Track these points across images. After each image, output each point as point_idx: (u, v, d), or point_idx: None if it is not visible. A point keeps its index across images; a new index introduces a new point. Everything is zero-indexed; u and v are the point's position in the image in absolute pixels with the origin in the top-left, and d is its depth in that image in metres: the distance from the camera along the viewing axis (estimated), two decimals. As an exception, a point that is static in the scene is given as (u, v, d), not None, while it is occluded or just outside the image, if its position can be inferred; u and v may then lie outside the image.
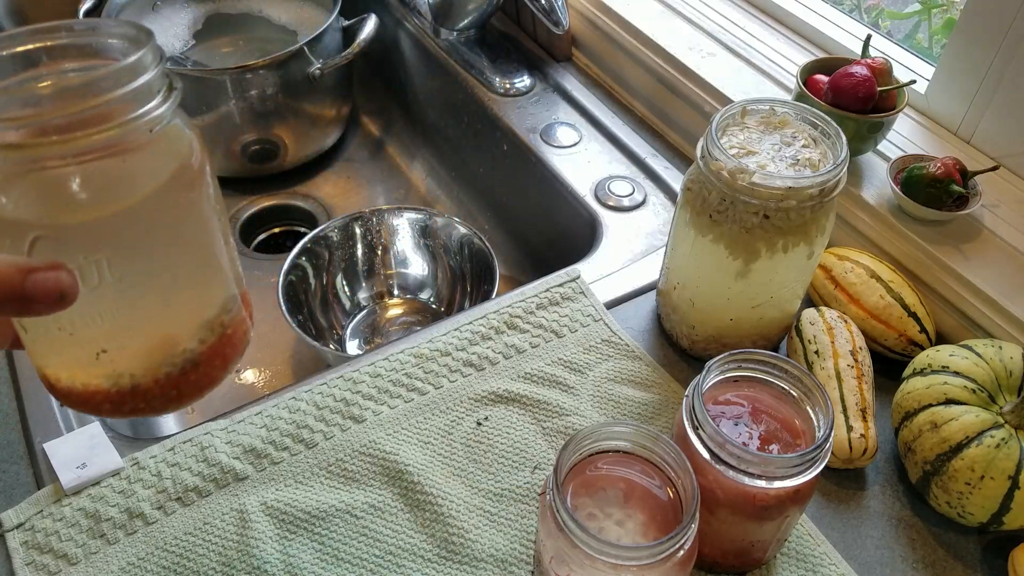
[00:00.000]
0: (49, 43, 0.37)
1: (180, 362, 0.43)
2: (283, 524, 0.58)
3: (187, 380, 0.44)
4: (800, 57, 0.87)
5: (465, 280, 0.96)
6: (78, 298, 0.34)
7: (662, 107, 0.93)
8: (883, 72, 0.73)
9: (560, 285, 0.74)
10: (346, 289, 0.97)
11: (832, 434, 0.49)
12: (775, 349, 0.71)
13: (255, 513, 0.58)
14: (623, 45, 0.95)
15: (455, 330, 0.71)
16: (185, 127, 0.39)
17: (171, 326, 0.42)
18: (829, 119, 0.60)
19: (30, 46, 0.37)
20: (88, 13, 1.04)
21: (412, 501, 0.60)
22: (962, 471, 0.55)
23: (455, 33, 1.07)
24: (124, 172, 0.36)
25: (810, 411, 0.52)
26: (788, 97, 0.82)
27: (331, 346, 0.93)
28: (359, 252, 0.97)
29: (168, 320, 0.42)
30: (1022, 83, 0.70)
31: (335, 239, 0.95)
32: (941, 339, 0.69)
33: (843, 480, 0.62)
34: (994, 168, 0.70)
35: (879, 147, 0.77)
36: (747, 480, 0.49)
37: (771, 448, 0.51)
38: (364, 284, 0.99)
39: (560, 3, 0.92)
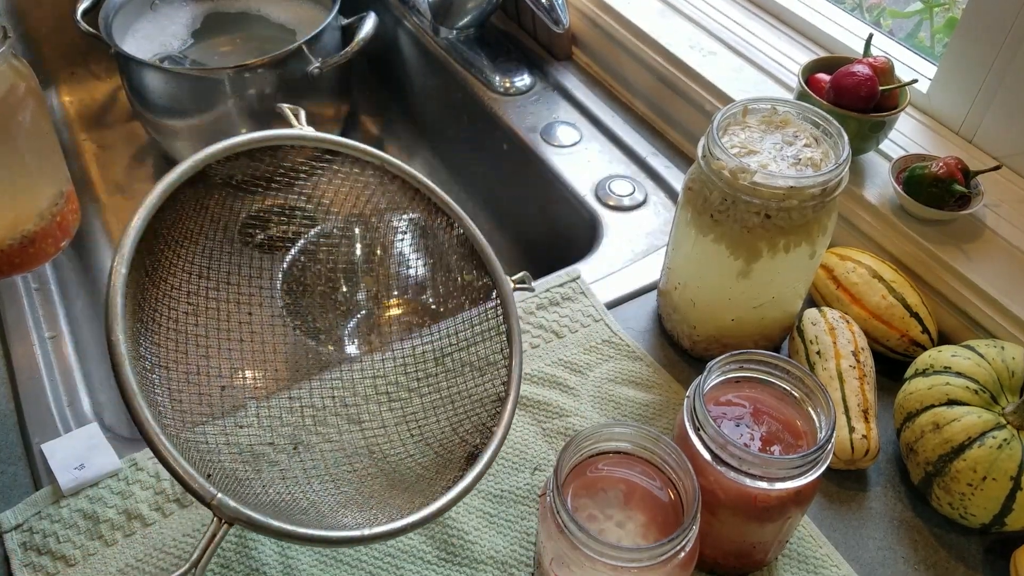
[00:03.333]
0: None
1: (19, 237, 0.64)
2: (282, 525, 0.58)
3: (25, 252, 0.66)
4: (802, 56, 0.87)
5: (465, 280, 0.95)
6: None
7: (663, 106, 0.93)
8: (885, 71, 0.72)
9: (560, 285, 0.74)
10: (346, 289, 0.97)
11: (834, 435, 0.49)
12: (776, 349, 0.70)
13: (254, 514, 0.58)
14: (623, 44, 0.95)
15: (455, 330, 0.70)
16: (17, 64, 0.61)
17: (13, 211, 0.62)
18: (831, 118, 0.59)
19: None
20: (86, 12, 1.03)
21: (412, 502, 0.59)
22: (964, 472, 0.55)
23: (455, 32, 1.07)
24: None
25: (812, 412, 0.51)
26: (790, 96, 0.82)
27: (331, 346, 0.92)
28: (359, 252, 0.97)
29: (10, 207, 0.61)
30: (1024, 82, 0.70)
31: (335, 239, 0.94)
32: (943, 339, 0.69)
33: (845, 481, 0.62)
34: (996, 168, 0.69)
35: (881, 146, 0.77)
36: (748, 481, 0.48)
37: (773, 449, 0.51)
38: (364, 284, 0.98)
39: (560, 2, 0.91)
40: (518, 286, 0.60)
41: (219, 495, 0.42)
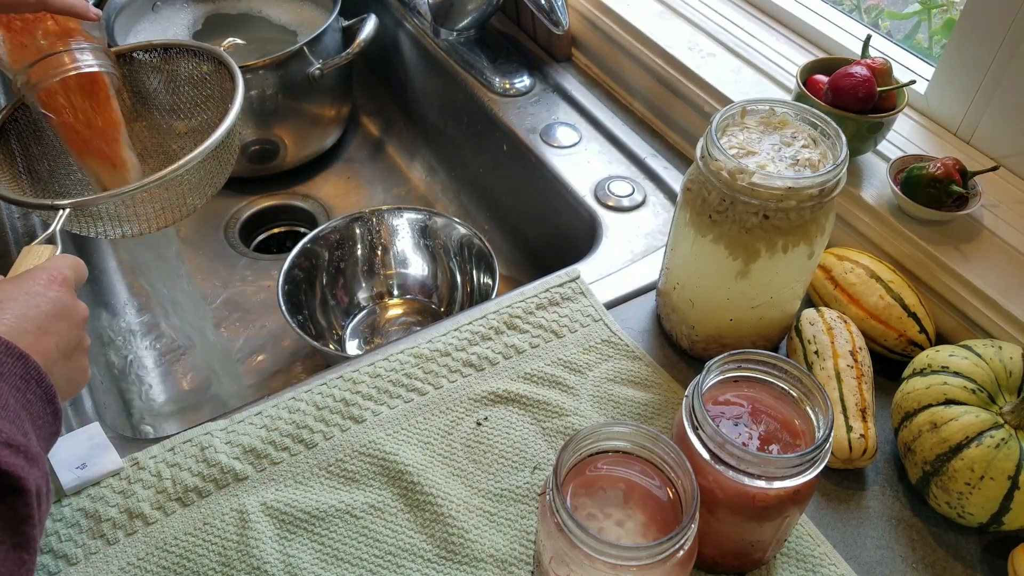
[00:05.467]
0: None
1: None
2: (283, 524, 0.58)
3: None
4: (800, 57, 0.87)
5: (465, 280, 0.96)
6: None
7: (662, 107, 0.93)
8: (883, 72, 0.73)
9: (560, 285, 0.75)
10: (346, 289, 0.97)
11: (832, 434, 0.49)
12: (775, 349, 0.71)
13: (255, 513, 0.58)
14: (623, 45, 0.95)
15: (455, 330, 0.71)
16: None
17: None
18: (829, 119, 0.60)
19: None
20: (88, 13, 1.03)
21: (412, 501, 0.60)
22: (962, 471, 0.55)
23: (455, 33, 1.07)
24: None
25: (810, 411, 0.52)
26: (788, 97, 0.82)
27: (331, 346, 0.93)
28: (359, 252, 0.97)
29: None
30: (1022, 83, 0.70)
31: (335, 239, 0.95)
32: (941, 339, 0.69)
33: (843, 480, 0.62)
34: (994, 168, 0.70)
35: (879, 147, 0.77)
36: (747, 480, 0.49)
37: (771, 448, 0.51)
38: (364, 284, 0.99)
39: (560, 3, 0.92)
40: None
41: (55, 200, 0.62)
